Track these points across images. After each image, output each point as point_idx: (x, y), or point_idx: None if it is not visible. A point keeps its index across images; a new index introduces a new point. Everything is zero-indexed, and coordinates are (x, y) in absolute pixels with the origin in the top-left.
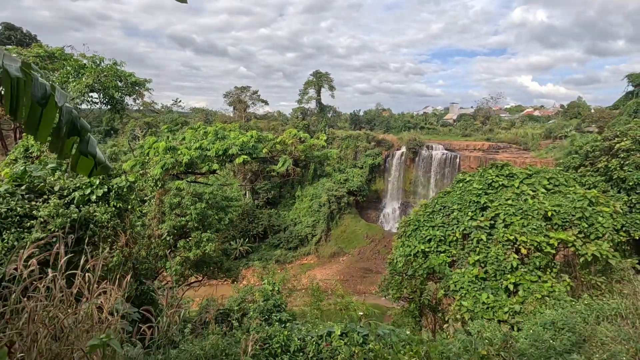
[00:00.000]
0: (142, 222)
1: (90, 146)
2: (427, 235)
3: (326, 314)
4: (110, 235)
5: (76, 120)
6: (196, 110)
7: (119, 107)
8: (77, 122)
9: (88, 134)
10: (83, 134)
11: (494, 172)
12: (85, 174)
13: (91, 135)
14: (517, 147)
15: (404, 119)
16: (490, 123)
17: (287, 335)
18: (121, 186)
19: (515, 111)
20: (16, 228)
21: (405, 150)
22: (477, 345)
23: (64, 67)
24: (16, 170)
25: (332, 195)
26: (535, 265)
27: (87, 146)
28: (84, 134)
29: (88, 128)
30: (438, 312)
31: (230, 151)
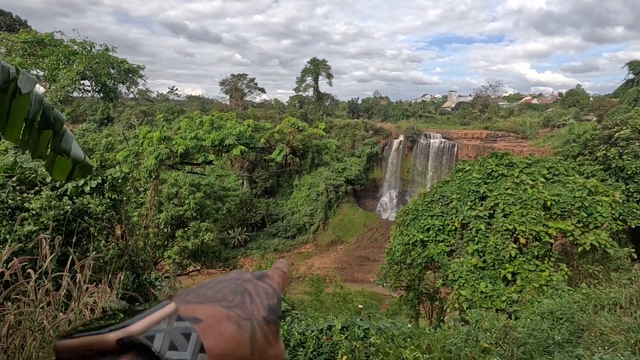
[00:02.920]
0: (138, 213)
1: (64, 142)
2: (426, 225)
3: (325, 304)
4: (105, 227)
5: (48, 110)
6: (192, 98)
7: (112, 95)
8: (49, 113)
9: (63, 127)
10: (58, 126)
11: (493, 161)
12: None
13: (67, 129)
14: (515, 136)
15: (402, 107)
16: (488, 111)
17: (287, 329)
18: (115, 177)
19: (514, 99)
20: (7, 221)
21: (403, 139)
22: (478, 337)
23: (53, 53)
24: (6, 161)
25: (330, 184)
26: (533, 255)
27: (61, 142)
28: (59, 126)
29: (63, 120)
30: (436, 300)
31: (227, 141)
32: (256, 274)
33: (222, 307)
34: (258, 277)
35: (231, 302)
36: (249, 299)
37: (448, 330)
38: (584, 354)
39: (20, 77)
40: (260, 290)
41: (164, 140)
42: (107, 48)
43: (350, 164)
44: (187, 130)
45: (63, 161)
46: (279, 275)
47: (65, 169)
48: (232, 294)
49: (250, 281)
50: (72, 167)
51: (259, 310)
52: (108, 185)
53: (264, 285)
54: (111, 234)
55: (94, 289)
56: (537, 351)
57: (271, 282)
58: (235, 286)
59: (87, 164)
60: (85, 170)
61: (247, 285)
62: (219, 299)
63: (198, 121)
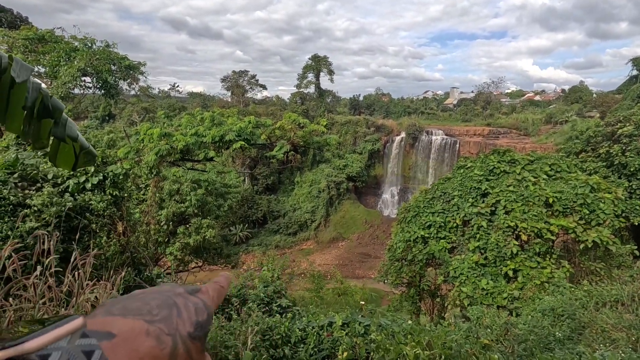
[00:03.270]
0: (140, 209)
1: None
2: (427, 222)
3: (326, 301)
4: (107, 223)
5: (47, 98)
6: (194, 95)
7: (113, 91)
8: (48, 102)
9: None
10: (57, 115)
11: (495, 158)
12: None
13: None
14: (518, 133)
15: (404, 104)
16: (490, 108)
17: (288, 326)
18: (117, 173)
19: (516, 96)
20: (10, 217)
21: (405, 136)
22: (479, 334)
23: (54, 50)
24: (8, 157)
25: (332, 181)
26: (535, 252)
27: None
28: (59, 115)
29: (62, 108)
30: (437, 297)
31: (227, 137)
32: (189, 288)
33: (143, 321)
34: (191, 292)
35: (155, 316)
36: (176, 313)
37: (449, 327)
38: (585, 351)
39: (14, 65)
40: (190, 305)
41: (164, 137)
42: (108, 44)
43: (352, 160)
44: (188, 126)
45: (67, 150)
46: (214, 290)
47: (69, 158)
48: (158, 307)
49: (182, 295)
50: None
51: (185, 325)
52: (109, 182)
53: (195, 300)
54: (113, 231)
55: (95, 286)
56: (538, 348)
57: (204, 297)
58: (165, 299)
59: (91, 151)
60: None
61: (177, 299)
62: (143, 312)
63: (199, 118)
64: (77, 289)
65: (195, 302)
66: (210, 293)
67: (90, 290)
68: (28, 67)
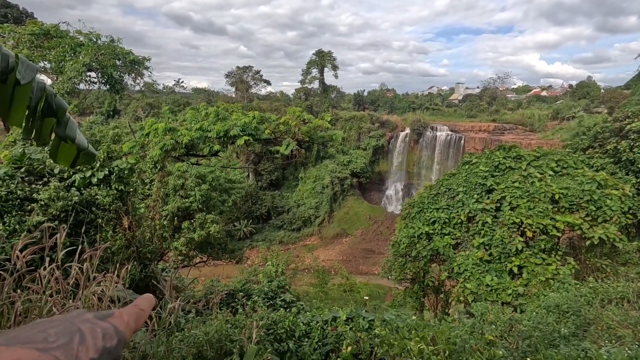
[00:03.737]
0: (145, 204)
1: (69, 129)
2: (432, 218)
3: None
4: (112, 218)
5: (51, 98)
6: (198, 90)
7: (118, 87)
8: (52, 101)
9: (67, 115)
10: (60, 114)
11: (501, 154)
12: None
13: (70, 117)
14: (523, 129)
15: (409, 99)
16: (496, 104)
17: (293, 320)
18: (122, 168)
19: (522, 91)
20: (17, 211)
21: (409, 132)
22: (484, 330)
23: (60, 45)
24: (15, 152)
25: (336, 177)
26: (540, 248)
27: (66, 129)
28: (62, 114)
29: (66, 108)
30: (441, 293)
31: (232, 132)
32: (100, 313)
33: (34, 350)
34: (101, 317)
35: (50, 344)
36: (79, 340)
37: (453, 323)
38: (590, 347)
39: (20, 67)
40: (98, 330)
41: (169, 131)
42: (113, 39)
43: (356, 156)
44: (193, 121)
45: (67, 148)
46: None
47: (70, 156)
48: (57, 334)
49: (89, 321)
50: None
51: (89, 351)
52: (115, 177)
53: (104, 326)
54: (118, 225)
55: (101, 278)
56: (542, 344)
57: (116, 321)
58: (67, 325)
59: (90, 152)
60: (89, 158)
61: (82, 324)
62: (36, 340)
63: (203, 113)
64: (84, 282)
65: (105, 328)
66: (125, 317)
67: (97, 283)
68: (33, 67)
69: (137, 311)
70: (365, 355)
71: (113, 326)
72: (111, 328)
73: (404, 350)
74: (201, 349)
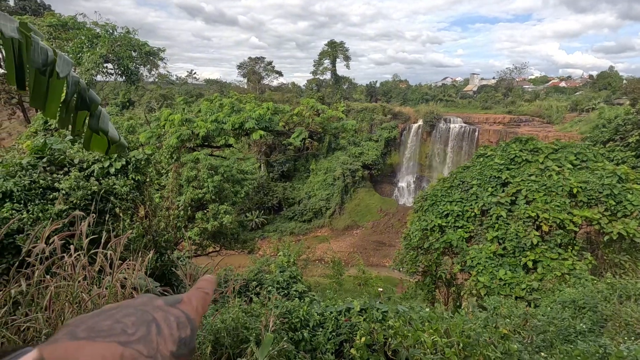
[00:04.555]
0: (160, 195)
1: (102, 122)
2: (445, 210)
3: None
4: (130, 207)
5: (84, 92)
6: (210, 82)
7: (134, 77)
8: (85, 95)
9: (99, 108)
10: (93, 108)
11: (517, 146)
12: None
13: (103, 110)
14: (540, 121)
15: (421, 90)
16: (512, 95)
17: (307, 310)
18: (139, 159)
19: (540, 82)
20: (40, 200)
21: (422, 123)
22: (498, 323)
23: (77, 36)
24: (37, 142)
25: (347, 169)
26: (556, 243)
27: (99, 122)
28: (94, 108)
29: (98, 101)
30: (452, 286)
31: (247, 125)
32: (170, 299)
33: (117, 344)
34: (171, 303)
35: (131, 336)
36: (156, 331)
37: (466, 316)
38: (609, 343)
39: (58, 60)
40: (172, 319)
41: (185, 122)
42: (129, 31)
43: (368, 148)
44: (208, 112)
45: (99, 139)
46: (198, 298)
47: (102, 144)
48: (134, 324)
49: (161, 308)
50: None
51: (167, 343)
52: (132, 167)
53: (176, 313)
54: (135, 214)
55: (123, 266)
56: (557, 339)
57: (186, 308)
58: (141, 314)
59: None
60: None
61: (156, 313)
62: (116, 332)
63: (217, 104)
64: (113, 269)
65: (177, 316)
66: (194, 303)
67: (120, 271)
68: (69, 62)
69: (203, 295)
70: (379, 346)
71: (185, 314)
72: (183, 316)
73: (418, 341)
74: (218, 336)
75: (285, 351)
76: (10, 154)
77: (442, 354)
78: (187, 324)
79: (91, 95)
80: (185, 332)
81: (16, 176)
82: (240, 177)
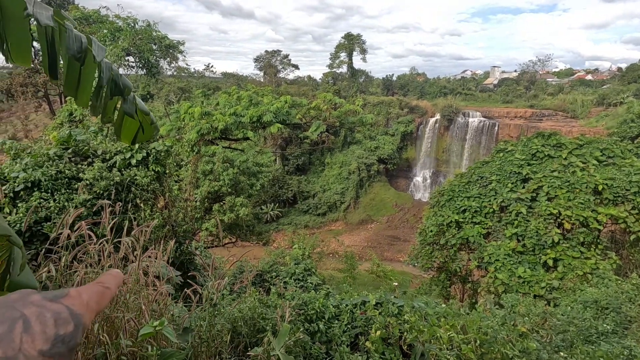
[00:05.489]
0: (179, 187)
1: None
2: (462, 206)
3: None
4: (150, 198)
5: (117, 77)
6: (227, 75)
7: (155, 70)
8: (118, 80)
9: (131, 93)
10: (127, 92)
11: (539, 141)
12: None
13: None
14: (564, 115)
15: (440, 84)
16: (535, 88)
17: (322, 302)
18: (159, 150)
19: (565, 75)
20: (65, 189)
21: (440, 118)
22: (517, 321)
23: (100, 30)
24: (62, 134)
25: (362, 163)
26: (578, 241)
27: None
28: (128, 92)
29: (131, 86)
30: (468, 283)
31: (265, 118)
32: (50, 293)
33: None
34: (51, 298)
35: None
36: (22, 328)
37: (483, 313)
38: (635, 345)
39: (94, 46)
40: (48, 315)
41: (205, 116)
42: (149, 24)
43: (383, 142)
44: (226, 106)
45: (129, 125)
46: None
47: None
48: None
49: (35, 303)
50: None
51: (35, 342)
52: (152, 158)
53: (56, 308)
54: (155, 205)
55: (147, 254)
56: (578, 340)
57: (71, 302)
58: (5, 311)
59: (157, 126)
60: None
61: (26, 309)
62: None
63: (235, 96)
64: (139, 257)
65: (57, 311)
66: (84, 297)
67: (143, 258)
68: (103, 48)
69: (99, 289)
70: (394, 340)
71: (67, 308)
72: (65, 311)
73: (434, 337)
74: (235, 325)
75: (302, 342)
76: (38, 145)
77: (459, 350)
78: (70, 319)
79: (124, 80)
80: (66, 328)
81: (44, 166)
82: (256, 169)
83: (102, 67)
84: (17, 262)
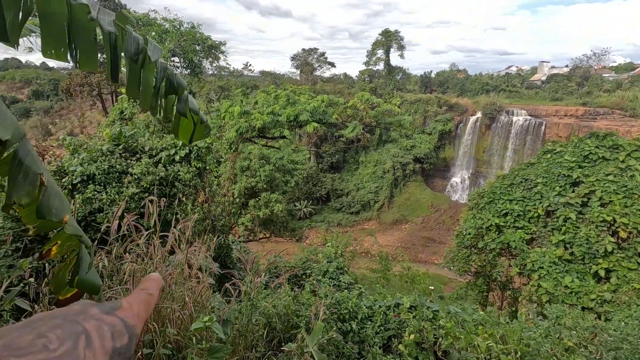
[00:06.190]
0: (217, 182)
1: (190, 103)
2: (503, 209)
3: (391, 283)
4: (192, 193)
5: (172, 76)
6: (265, 74)
7: (198, 70)
8: (173, 79)
9: (185, 92)
10: (180, 91)
11: (592, 142)
12: (186, 140)
13: (187, 93)
14: (622, 113)
15: (482, 80)
16: (588, 85)
17: (356, 302)
18: (200, 147)
19: (624, 70)
20: (116, 183)
21: (481, 116)
22: (562, 334)
23: (148, 32)
24: (114, 131)
25: (397, 162)
26: (635, 252)
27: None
28: (181, 91)
29: (184, 85)
30: (508, 290)
31: (301, 117)
32: (106, 306)
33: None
34: (107, 311)
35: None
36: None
37: (525, 323)
38: None
39: (149, 46)
40: (106, 328)
41: (244, 115)
42: (194, 25)
43: (420, 141)
44: (264, 105)
45: (185, 124)
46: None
47: (188, 131)
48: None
49: (94, 317)
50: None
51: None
52: (194, 155)
53: (112, 321)
54: (196, 199)
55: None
56: (633, 359)
57: (125, 314)
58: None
59: (208, 125)
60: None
61: (87, 323)
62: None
63: (273, 95)
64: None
65: (113, 324)
66: (134, 308)
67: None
68: (158, 48)
69: (146, 297)
70: (428, 345)
71: (122, 321)
72: (120, 324)
73: (470, 345)
74: (270, 320)
75: (334, 340)
76: (92, 141)
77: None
78: (125, 331)
79: (178, 79)
80: (122, 341)
81: (98, 161)
82: (291, 167)
83: (157, 67)
84: (86, 260)
